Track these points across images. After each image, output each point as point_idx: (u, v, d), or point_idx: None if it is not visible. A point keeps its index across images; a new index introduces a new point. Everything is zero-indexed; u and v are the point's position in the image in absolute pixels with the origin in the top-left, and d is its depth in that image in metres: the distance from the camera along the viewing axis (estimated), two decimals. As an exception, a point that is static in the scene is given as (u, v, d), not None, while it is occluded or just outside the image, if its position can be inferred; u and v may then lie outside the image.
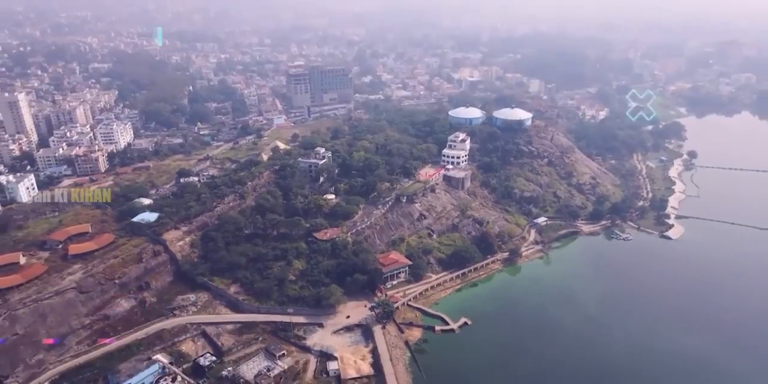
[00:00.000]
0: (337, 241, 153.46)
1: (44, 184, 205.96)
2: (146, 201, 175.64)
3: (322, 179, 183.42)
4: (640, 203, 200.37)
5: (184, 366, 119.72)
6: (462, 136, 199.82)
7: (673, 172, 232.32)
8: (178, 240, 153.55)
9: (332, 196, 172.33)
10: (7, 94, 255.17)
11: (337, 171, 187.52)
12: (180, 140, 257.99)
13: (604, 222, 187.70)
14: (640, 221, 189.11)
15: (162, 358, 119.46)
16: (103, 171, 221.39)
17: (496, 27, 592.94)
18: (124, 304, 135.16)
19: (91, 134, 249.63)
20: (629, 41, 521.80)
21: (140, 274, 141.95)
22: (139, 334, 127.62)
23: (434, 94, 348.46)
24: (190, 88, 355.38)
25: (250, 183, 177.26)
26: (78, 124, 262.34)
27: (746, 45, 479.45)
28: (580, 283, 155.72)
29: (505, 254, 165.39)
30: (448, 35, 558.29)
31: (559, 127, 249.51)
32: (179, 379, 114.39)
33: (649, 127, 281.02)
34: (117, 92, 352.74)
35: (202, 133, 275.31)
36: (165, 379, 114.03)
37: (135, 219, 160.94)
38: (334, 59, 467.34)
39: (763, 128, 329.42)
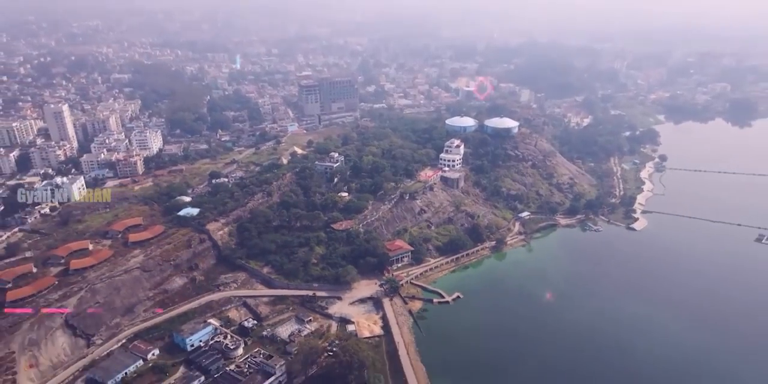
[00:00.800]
0: (351, 231, 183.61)
1: (90, 184, 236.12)
2: (186, 198, 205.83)
3: (336, 180, 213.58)
4: (612, 200, 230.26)
5: (232, 328, 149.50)
6: (457, 142, 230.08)
7: (644, 174, 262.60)
8: (218, 230, 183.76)
9: (345, 194, 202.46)
10: (52, 106, 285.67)
11: (348, 173, 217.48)
12: (205, 146, 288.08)
13: (579, 216, 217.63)
14: (610, 215, 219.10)
15: (214, 321, 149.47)
16: (140, 173, 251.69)
17: (492, 37, 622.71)
18: (178, 281, 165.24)
19: (127, 141, 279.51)
20: (617, 51, 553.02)
21: (190, 257, 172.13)
22: (193, 304, 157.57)
23: (433, 102, 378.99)
24: (208, 97, 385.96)
25: (275, 183, 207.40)
26: (113, 132, 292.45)
27: (726, 55, 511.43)
28: (555, 266, 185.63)
29: (493, 243, 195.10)
30: (446, 45, 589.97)
31: (544, 134, 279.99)
32: (229, 337, 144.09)
33: (627, 134, 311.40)
34: (140, 102, 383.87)
35: (223, 139, 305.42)
36: (218, 337, 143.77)
37: (181, 213, 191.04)
38: (339, 69, 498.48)
39: (732, 133, 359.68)
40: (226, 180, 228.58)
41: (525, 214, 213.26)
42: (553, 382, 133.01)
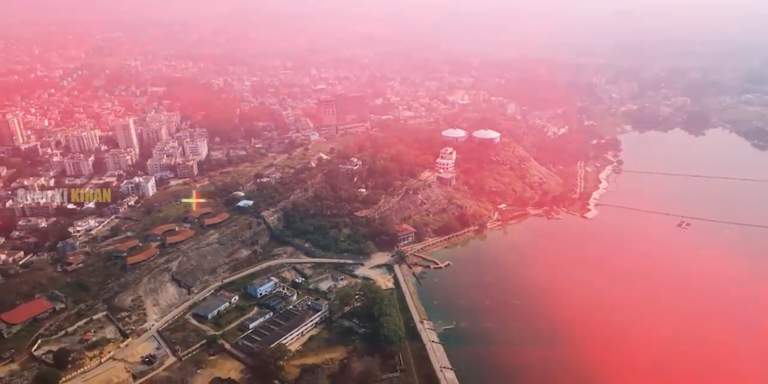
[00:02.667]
0: (368, 217, 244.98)
1: (157, 184, 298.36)
2: (240, 193, 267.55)
3: (356, 179, 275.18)
4: (573, 196, 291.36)
5: (287, 283, 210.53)
6: (450, 149, 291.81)
7: (602, 175, 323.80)
8: (270, 216, 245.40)
9: (363, 190, 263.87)
10: (121, 120, 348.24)
11: (365, 173, 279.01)
12: (243, 152, 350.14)
13: (545, 207, 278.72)
14: (570, 207, 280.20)
15: (274, 278, 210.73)
16: (196, 174, 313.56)
17: (487, 53, 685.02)
18: (244, 252, 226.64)
19: (180, 148, 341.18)
20: (598, 66, 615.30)
21: (251, 236, 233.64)
22: (256, 269, 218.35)
23: (432, 114, 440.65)
24: (238, 110, 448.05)
25: (309, 181, 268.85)
26: (167, 141, 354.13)
27: (693, 70, 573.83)
28: (523, 244, 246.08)
29: (476, 227, 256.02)
30: (445, 59, 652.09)
31: (522, 142, 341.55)
32: (287, 288, 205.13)
33: (594, 142, 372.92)
34: (180, 113, 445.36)
35: (257, 146, 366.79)
36: (278, 288, 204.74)
37: (239, 204, 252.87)
38: (349, 82, 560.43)
39: (686, 141, 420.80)
40: (268, 179, 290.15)
41: (503, 205, 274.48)
42: (511, 318, 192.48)
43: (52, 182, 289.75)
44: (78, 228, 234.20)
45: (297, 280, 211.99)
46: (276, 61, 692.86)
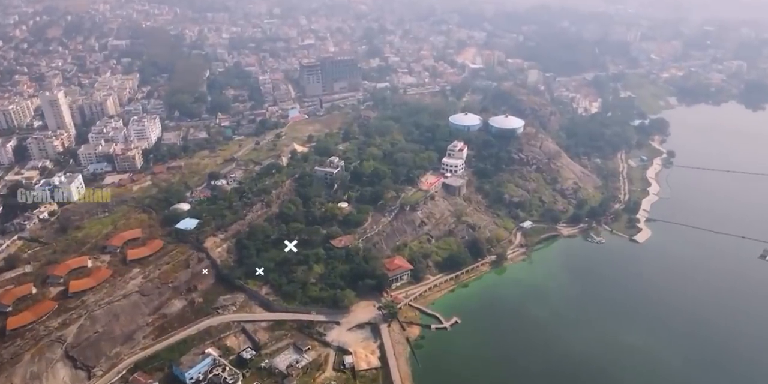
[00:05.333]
0: (350, 249, 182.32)
1: (89, 180, 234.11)
2: (185, 206, 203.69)
3: (336, 186, 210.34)
4: (616, 206, 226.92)
5: (230, 358, 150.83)
6: (459, 145, 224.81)
7: (650, 173, 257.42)
8: (217, 247, 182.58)
9: (345, 205, 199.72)
10: (48, 93, 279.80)
11: (349, 178, 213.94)
12: (204, 134, 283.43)
13: (582, 225, 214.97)
14: (613, 224, 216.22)
15: (213, 351, 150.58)
16: (139, 168, 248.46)
17: (501, 0, 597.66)
18: (177, 304, 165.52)
19: (125, 130, 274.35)
20: (630, 17, 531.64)
21: (188, 279, 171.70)
22: (192, 330, 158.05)
23: (438, 80, 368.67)
24: (208, 73, 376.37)
25: (274, 192, 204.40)
26: (111, 119, 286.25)
27: (745, 24, 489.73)
28: (555, 285, 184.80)
29: (493, 257, 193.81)
30: (453, 9, 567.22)
31: (550, 128, 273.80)
32: (227, 369, 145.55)
33: (636, 123, 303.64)
34: (139, 76, 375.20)
35: (223, 125, 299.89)
36: (216, 369, 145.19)
37: (178, 226, 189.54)
38: (342, 37, 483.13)
39: (745, 120, 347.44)
40: (224, 182, 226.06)
41: (527, 224, 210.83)
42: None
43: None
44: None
45: (245, 354, 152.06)
46: (262, 7, 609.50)
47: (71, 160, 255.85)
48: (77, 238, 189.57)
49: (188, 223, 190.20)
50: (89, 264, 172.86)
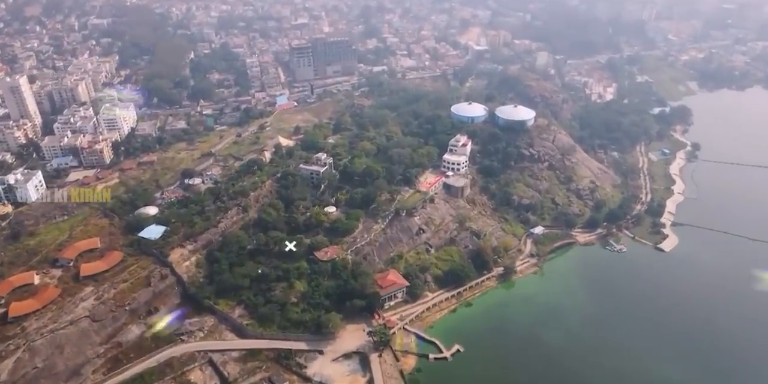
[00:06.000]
0: (337, 262, 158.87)
1: (51, 177, 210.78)
2: (152, 210, 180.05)
3: (323, 187, 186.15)
4: (638, 208, 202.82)
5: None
6: (463, 140, 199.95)
7: (674, 168, 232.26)
8: (184, 260, 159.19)
9: (333, 209, 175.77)
10: (8, 79, 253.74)
11: (338, 177, 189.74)
12: (183, 124, 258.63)
13: (600, 230, 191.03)
14: (635, 229, 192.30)
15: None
16: (107, 162, 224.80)
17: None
18: (134, 331, 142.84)
19: (95, 119, 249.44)
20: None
21: (149, 299, 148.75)
22: (151, 362, 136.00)
23: (439, 64, 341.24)
24: (192, 55, 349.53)
25: (252, 193, 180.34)
26: (81, 107, 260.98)
27: (767, 3, 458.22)
28: (570, 302, 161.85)
29: (500, 270, 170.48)
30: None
31: (562, 118, 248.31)
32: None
33: (656, 111, 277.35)
34: (118, 58, 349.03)
35: (204, 113, 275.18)
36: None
37: (142, 234, 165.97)
38: (338, 16, 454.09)
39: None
40: (199, 180, 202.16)
41: (539, 229, 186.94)
42: None
43: None
44: None
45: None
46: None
47: (34, 154, 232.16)
48: (29, 246, 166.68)
49: (153, 232, 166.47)
50: (36, 281, 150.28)
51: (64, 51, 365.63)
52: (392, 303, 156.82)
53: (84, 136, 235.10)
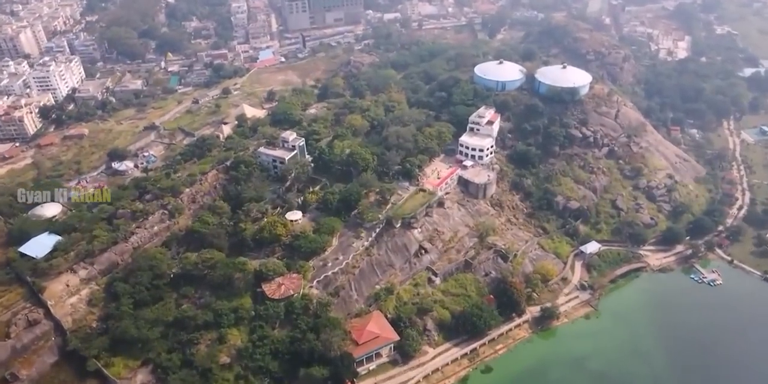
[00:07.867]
0: (293, 301, 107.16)
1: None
2: (52, 210, 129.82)
3: (289, 181, 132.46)
4: (733, 213, 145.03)
5: None
6: (489, 114, 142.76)
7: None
8: (72, 294, 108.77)
9: (298, 215, 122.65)
10: None
11: (311, 166, 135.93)
12: (138, 85, 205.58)
13: (680, 248, 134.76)
14: (733, 247, 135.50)
15: None
16: (31, 133, 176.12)
17: None
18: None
19: (25, 77, 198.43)
20: None
21: (6, 358, 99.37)
22: None
23: (465, 10, 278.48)
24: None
25: (188, 190, 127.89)
26: (17, 60, 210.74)
27: None
28: (640, 366, 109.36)
29: (536, 311, 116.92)
30: None
31: (622, 82, 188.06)
32: None
33: (747, 72, 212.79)
34: (85, 1, 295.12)
35: (170, 70, 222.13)
36: None
37: (23, 249, 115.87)
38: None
39: None
40: (131, 164, 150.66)
41: (593, 246, 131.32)
42: None
43: None
44: None
45: None
46: None
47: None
48: None
49: (40, 246, 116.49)
50: None
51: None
52: (372, 366, 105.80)
53: (7, 97, 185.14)
